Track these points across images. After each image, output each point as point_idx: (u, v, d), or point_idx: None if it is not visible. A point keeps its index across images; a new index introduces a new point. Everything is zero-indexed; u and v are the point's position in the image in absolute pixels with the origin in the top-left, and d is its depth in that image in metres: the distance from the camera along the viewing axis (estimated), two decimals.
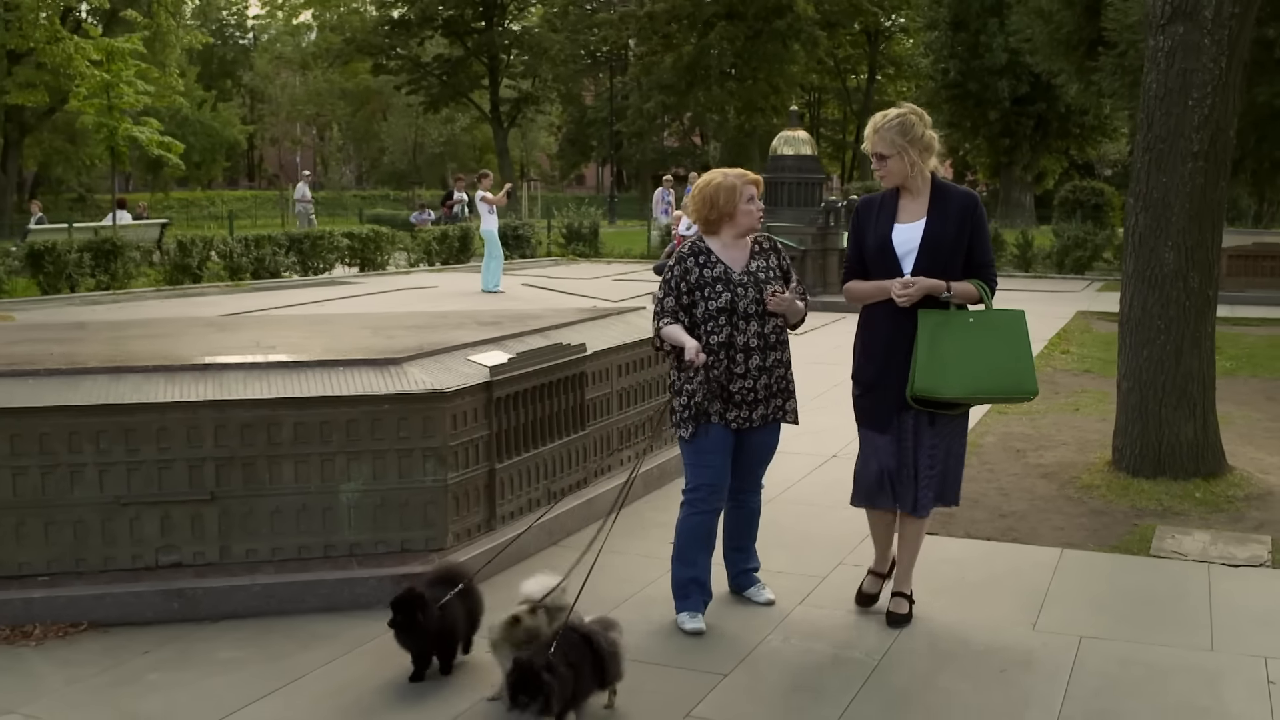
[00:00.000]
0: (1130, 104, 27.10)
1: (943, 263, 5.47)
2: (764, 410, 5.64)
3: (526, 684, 4.22)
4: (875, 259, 5.56)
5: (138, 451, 5.75)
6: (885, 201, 5.63)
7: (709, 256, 5.61)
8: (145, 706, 4.75)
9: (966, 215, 5.54)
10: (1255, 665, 5.22)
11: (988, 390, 5.51)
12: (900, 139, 5.46)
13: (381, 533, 6.07)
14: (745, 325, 5.53)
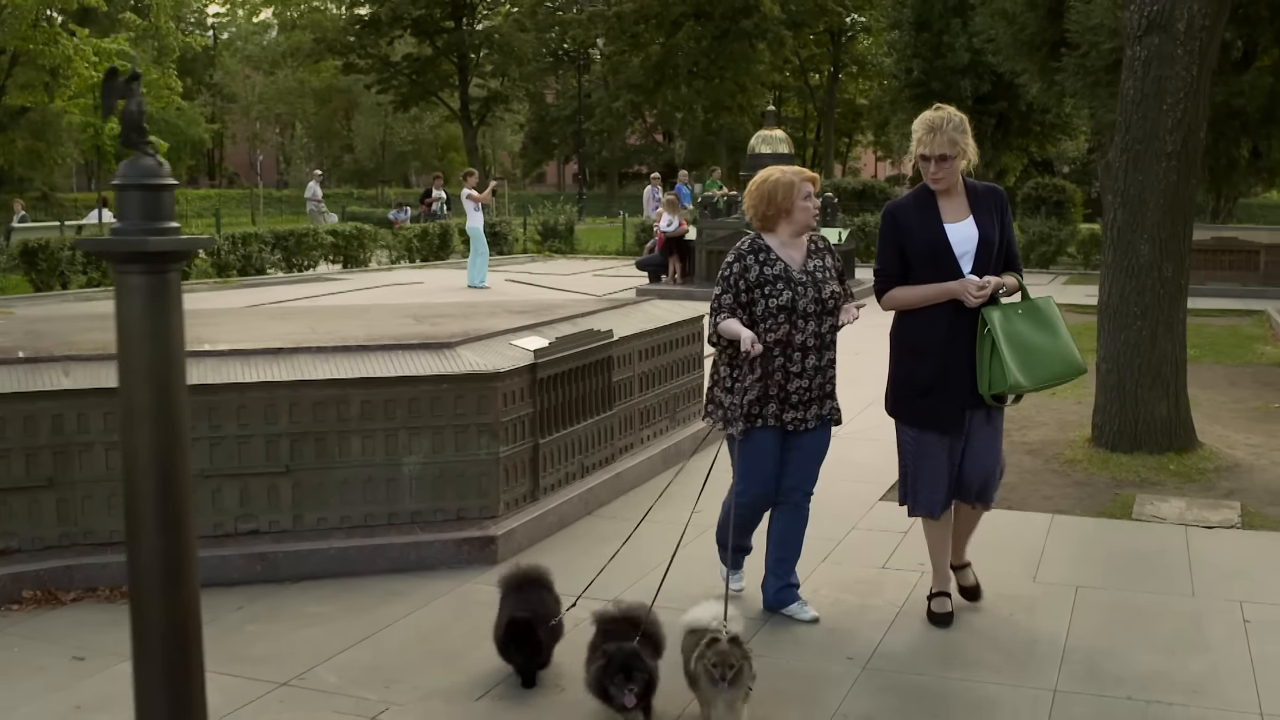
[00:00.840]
0: (1092, 103, 27.81)
1: (994, 259, 5.50)
2: (818, 410, 5.62)
3: (630, 670, 4.36)
4: (926, 261, 5.48)
5: (220, 428, 6.28)
6: (921, 204, 5.55)
7: (769, 254, 5.55)
8: (252, 652, 5.30)
9: (1001, 210, 5.59)
10: (1232, 608, 5.88)
11: (1052, 377, 5.53)
12: (962, 138, 5.41)
13: (440, 501, 6.64)
14: (804, 324, 5.49)
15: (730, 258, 5.62)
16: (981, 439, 5.56)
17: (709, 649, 4.38)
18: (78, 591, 5.96)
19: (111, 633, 5.49)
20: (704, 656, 4.38)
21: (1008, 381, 5.32)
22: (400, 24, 52.79)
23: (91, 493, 6.14)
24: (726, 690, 4.34)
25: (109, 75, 2.66)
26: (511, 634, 4.87)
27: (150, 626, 2.73)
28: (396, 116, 61.74)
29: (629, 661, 4.38)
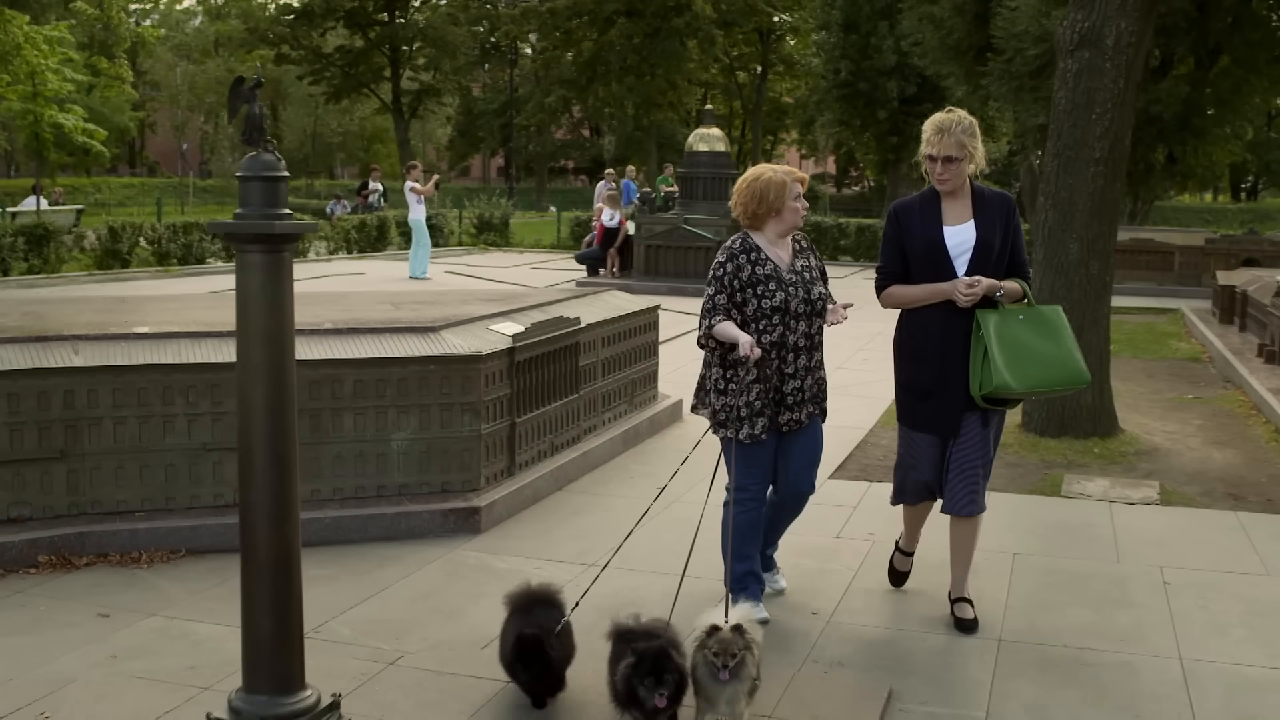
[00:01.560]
0: (1016, 107, 28.66)
1: (993, 264, 5.50)
2: (809, 410, 5.63)
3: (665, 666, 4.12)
4: (924, 262, 5.53)
5: (221, 404, 6.69)
6: (925, 205, 5.59)
7: (760, 254, 5.51)
8: None
9: (1008, 216, 5.59)
10: (1153, 572, 6.50)
11: (1049, 383, 5.53)
12: (970, 141, 5.44)
13: (426, 475, 7.10)
14: (795, 325, 5.49)
15: (722, 257, 5.56)
16: (971, 441, 5.56)
17: (709, 638, 4.21)
18: (90, 557, 6.34)
19: (129, 593, 5.92)
20: (704, 646, 4.21)
21: (994, 381, 5.33)
22: (333, 15, 52.78)
23: (100, 464, 6.53)
24: (729, 682, 4.17)
25: (236, 83, 3.09)
26: (520, 652, 4.54)
27: (259, 552, 3.17)
28: (327, 108, 61.66)
29: (660, 662, 4.12)
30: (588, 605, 5.59)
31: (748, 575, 5.68)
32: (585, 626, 4.84)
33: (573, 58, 57.34)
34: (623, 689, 4.19)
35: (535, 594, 4.83)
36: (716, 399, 5.56)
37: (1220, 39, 26.50)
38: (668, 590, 5.35)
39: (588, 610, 5.28)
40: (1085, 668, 5.25)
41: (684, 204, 22.21)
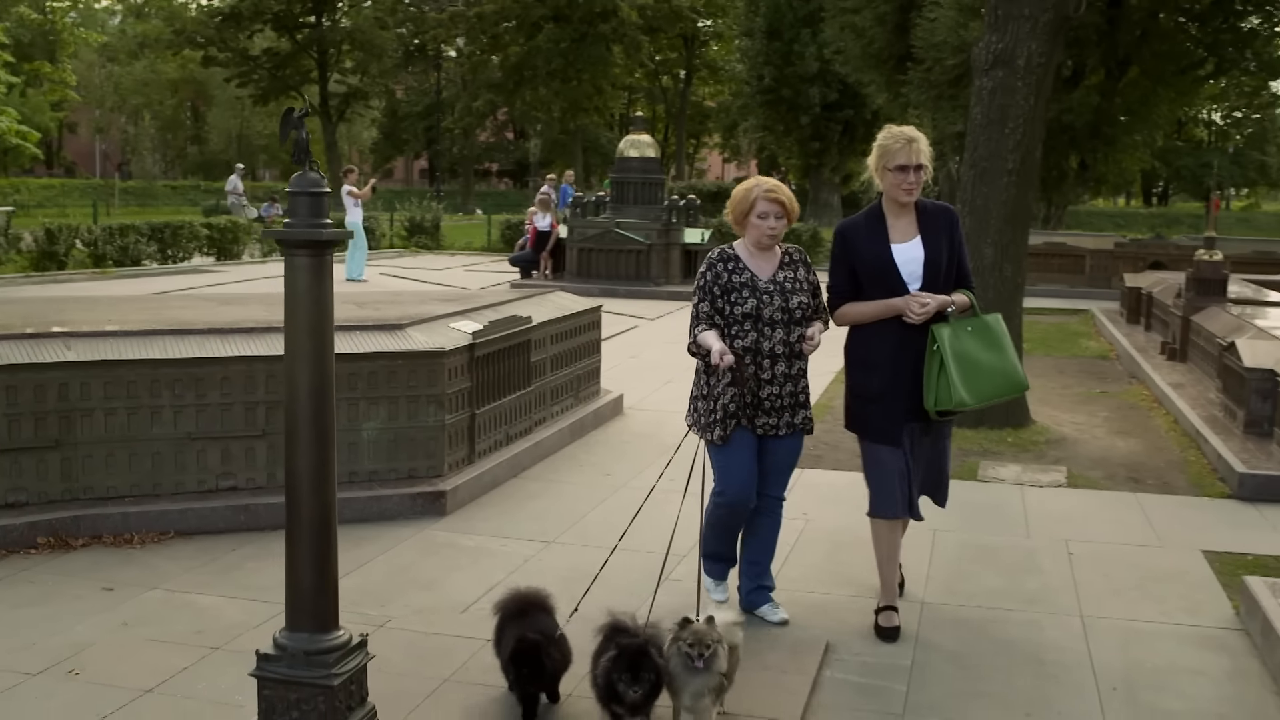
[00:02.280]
0: (935, 114, 29.53)
1: (942, 278, 5.60)
2: (789, 418, 5.74)
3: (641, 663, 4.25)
4: (875, 279, 5.60)
5: (205, 396, 7.19)
6: (871, 223, 5.68)
7: (737, 263, 5.68)
8: (257, 581, 6.25)
9: (954, 229, 5.71)
10: (1059, 544, 7.22)
11: (996, 394, 5.63)
12: (931, 151, 5.60)
13: (394, 462, 7.64)
14: (771, 332, 5.60)
15: (703, 267, 5.76)
16: (922, 453, 5.73)
17: (683, 630, 4.34)
18: (85, 538, 6.81)
19: (128, 569, 6.41)
20: (678, 638, 4.33)
21: (953, 399, 5.43)
22: (260, 18, 52.78)
23: (92, 453, 7.00)
24: (700, 673, 4.29)
25: (287, 113, 3.63)
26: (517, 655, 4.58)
27: (302, 514, 3.70)
28: (255, 110, 61.58)
29: (638, 659, 4.26)
30: (553, 577, 6.22)
31: (721, 565, 5.96)
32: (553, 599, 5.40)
33: (500, 62, 57.84)
34: (603, 683, 4.32)
35: (528, 598, 4.91)
36: (702, 404, 5.75)
37: (1129, 51, 27.60)
38: (623, 563, 5.95)
39: (552, 582, 5.89)
40: (997, 624, 5.94)
41: (615, 208, 22.81)
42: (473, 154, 67.79)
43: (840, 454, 9.27)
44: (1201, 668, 5.47)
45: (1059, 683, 5.26)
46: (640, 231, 21.98)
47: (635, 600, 5.30)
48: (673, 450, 5.66)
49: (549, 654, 4.59)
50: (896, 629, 5.76)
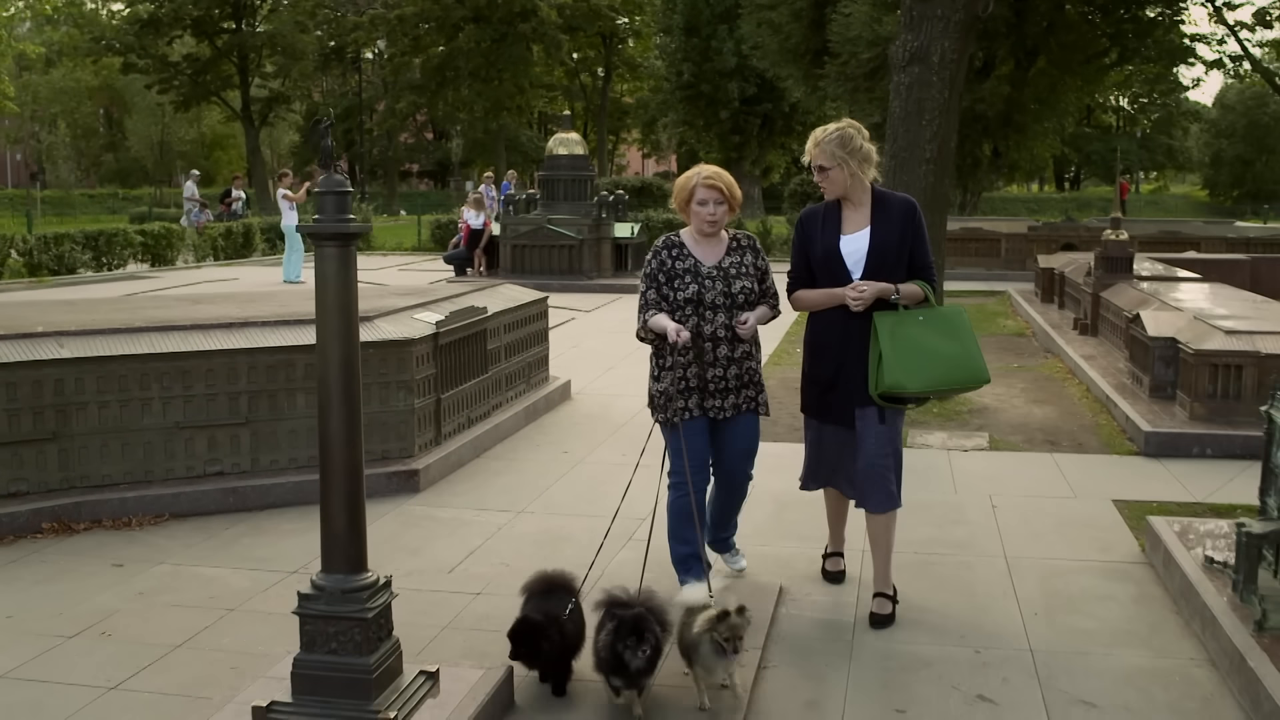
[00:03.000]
0: (852, 106, 30.32)
1: (889, 268, 5.68)
2: (735, 400, 5.84)
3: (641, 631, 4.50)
4: (823, 268, 5.77)
5: (191, 388, 7.70)
6: (828, 213, 5.83)
7: (682, 250, 5.80)
8: (255, 554, 6.78)
9: (908, 221, 5.77)
10: (984, 499, 7.93)
11: (947, 382, 5.72)
12: (840, 151, 5.65)
13: (369, 444, 8.08)
14: (713, 316, 5.71)
15: (649, 255, 5.89)
16: (871, 438, 5.78)
17: (720, 623, 4.59)
18: (87, 523, 7.29)
19: (132, 548, 6.91)
20: (715, 630, 4.58)
21: (888, 380, 5.54)
22: (180, 24, 52.61)
23: (87, 444, 7.49)
24: (731, 658, 4.64)
25: (315, 123, 4.18)
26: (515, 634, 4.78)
27: (335, 466, 4.26)
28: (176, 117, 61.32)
29: (639, 625, 4.51)
30: (528, 541, 6.82)
31: (689, 558, 5.85)
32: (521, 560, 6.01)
33: (421, 63, 58.14)
34: (605, 656, 4.55)
35: (553, 580, 5.05)
36: (653, 386, 5.87)
37: (1037, 42, 28.61)
38: (587, 526, 6.55)
39: (526, 545, 6.50)
40: (932, 566, 6.62)
41: (546, 205, 23.36)
42: (397, 155, 67.98)
43: (779, 428, 9.92)
44: (1111, 594, 6.19)
45: (988, 611, 5.94)
46: (572, 227, 22.56)
47: (605, 558, 5.91)
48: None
49: (548, 635, 4.73)
50: (842, 572, 6.37)
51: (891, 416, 5.82)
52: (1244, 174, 71.74)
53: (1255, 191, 69.11)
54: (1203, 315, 10.81)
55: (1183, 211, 65.83)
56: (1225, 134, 73.30)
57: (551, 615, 4.79)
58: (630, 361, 13.17)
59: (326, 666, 4.25)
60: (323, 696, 4.25)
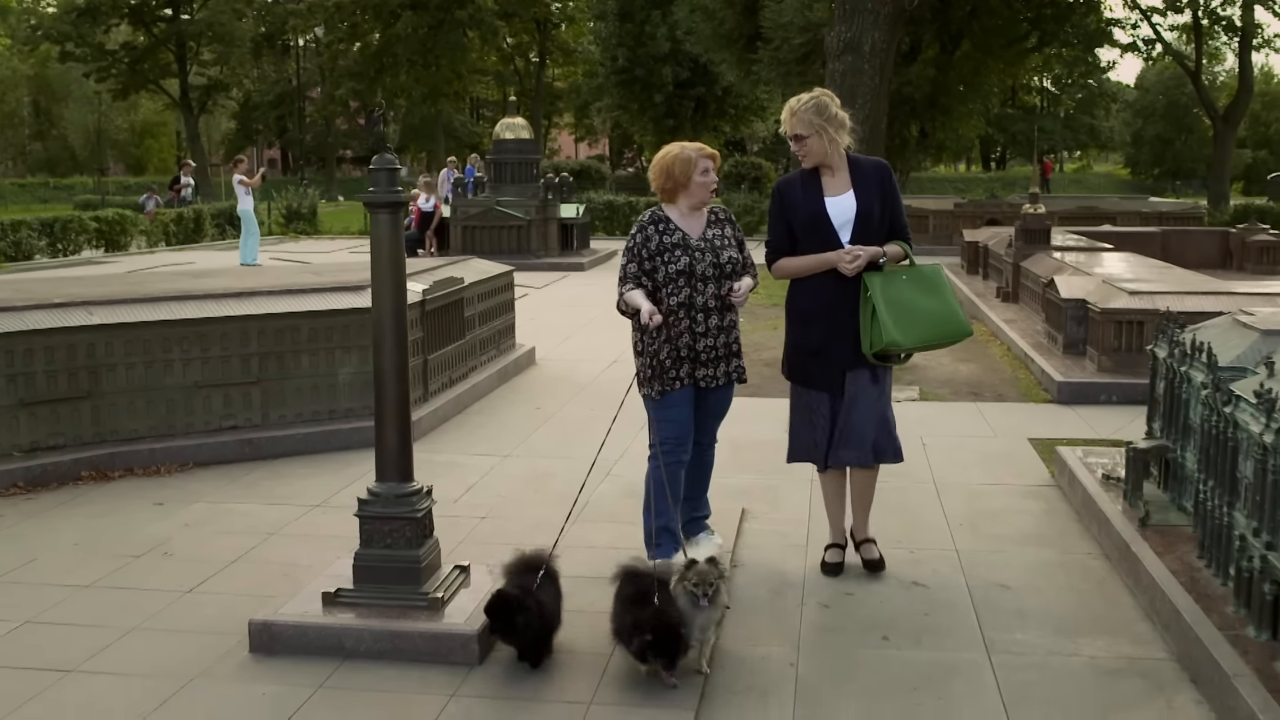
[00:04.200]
0: (785, 90, 31.34)
1: (874, 230, 5.80)
2: (725, 368, 5.96)
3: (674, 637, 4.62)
4: (809, 233, 5.80)
5: (208, 350, 8.56)
6: (806, 180, 5.88)
7: (668, 224, 5.86)
8: (277, 493, 7.67)
9: (884, 183, 5.91)
10: (915, 439, 8.95)
11: (935, 337, 5.85)
12: (817, 119, 5.73)
13: (366, 400, 8.99)
14: (704, 287, 5.80)
15: (634, 229, 5.95)
16: (864, 399, 5.92)
17: (688, 571, 4.75)
18: (120, 471, 8.14)
19: (167, 491, 7.78)
20: (684, 579, 4.74)
21: (885, 339, 5.65)
22: (117, 12, 52.76)
23: (117, 401, 8.33)
24: (706, 609, 4.73)
25: (370, 112, 5.08)
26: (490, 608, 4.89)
27: (388, 394, 5.18)
28: (113, 105, 61.34)
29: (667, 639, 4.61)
30: (519, 478, 7.78)
31: (662, 531, 5.92)
32: (514, 492, 6.94)
33: (359, 50, 58.66)
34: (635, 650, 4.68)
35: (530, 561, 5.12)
36: (636, 360, 5.97)
37: (961, 27, 29.86)
38: (567, 466, 7.49)
39: (517, 482, 7.44)
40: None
41: (494, 187, 24.23)
42: (337, 142, 68.39)
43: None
44: (1024, 509, 7.26)
45: (920, 524, 6.98)
46: (519, 208, 23.46)
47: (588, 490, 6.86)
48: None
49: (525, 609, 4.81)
50: (840, 564, 6.18)
51: (883, 375, 5.98)
52: (1164, 153, 73.68)
53: (1175, 170, 71.17)
54: (1110, 279, 11.95)
55: (1105, 189, 67.80)
56: (1145, 114, 75.24)
57: (526, 589, 4.88)
58: (587, 331, 14.15)
59: (383, 559, 5.20)
60: (380, 583, 5.20)
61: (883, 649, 5.22)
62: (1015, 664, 5.05)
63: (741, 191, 33.39)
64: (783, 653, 5.18)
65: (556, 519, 5.76)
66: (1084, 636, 5.33)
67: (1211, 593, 5.29)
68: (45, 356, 8.06)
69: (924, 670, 5.00)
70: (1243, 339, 6.20)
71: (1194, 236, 21.83)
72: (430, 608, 5.12)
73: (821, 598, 5.82)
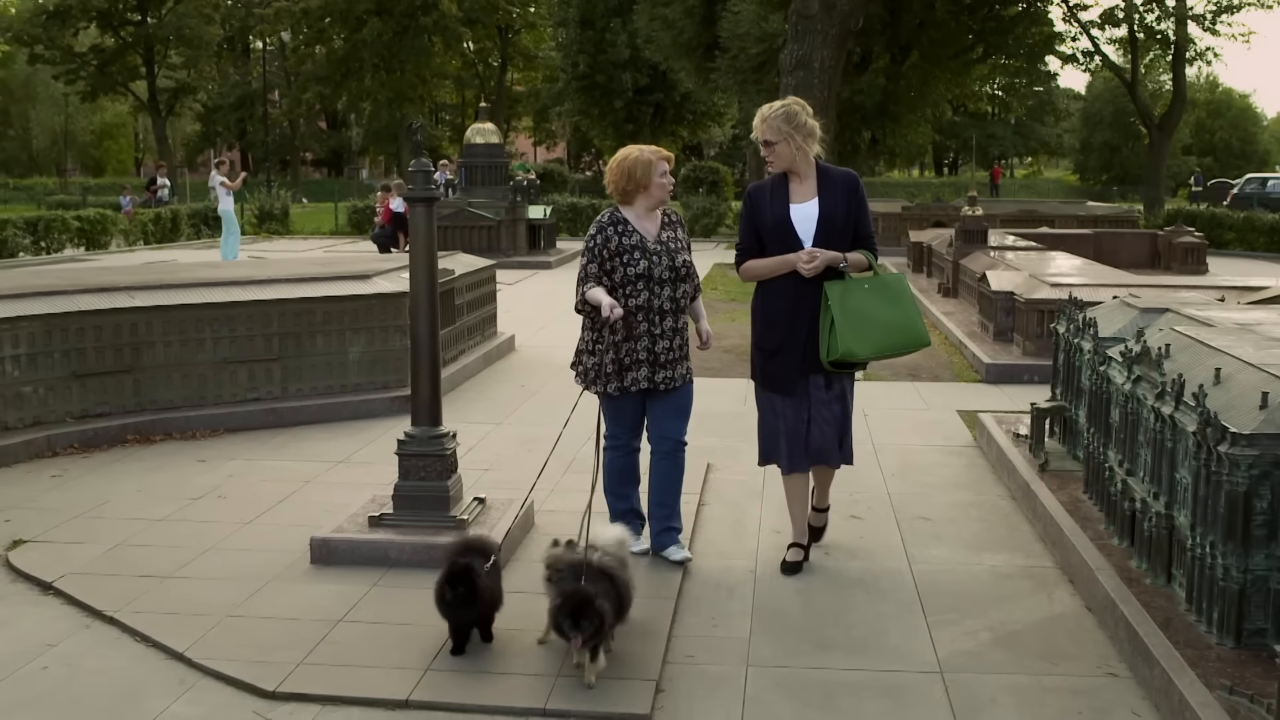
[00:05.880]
0: (741, 97, 32.64)
1: (836, 236, 5.90)
2: (681, 370, 6.19)
3: (586, 610, 4.67)
4: (774, 237, 5.94)
5: (235, 330, 9.69)
6: (775, 186, 6.03)
7: (627, 226, 6.04)
8: (306, 452, 8.81)
9: (850, 192, 6.01)
10: (858, 412, 10.14)
11: (892, 347, 5.95)
12: (786, 126, 5.87)
13: (373, 376, 10.24)
14: (660, 290, 6.00)
15: (593, 229, 6.12)
16: (823, 404, 6.05)
17: (548, 554, 5.22)
18: (160, 436, 9.25)
19: (206, 451, 8.90)
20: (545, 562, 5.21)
21: (840, 348, 5.77)
22: (86, 15, 53.53)
23: (155, 375, 9.44)
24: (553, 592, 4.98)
25: (408, 125, 6.20)
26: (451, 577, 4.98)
27: (422, 351, 6.33)
28: (80, 107, 61.99)
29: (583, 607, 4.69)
30: (512, 441, 8.92)
31: (627, 513, 6.30)
32: (509, 451, 8.10)
33: (326, 55, 59.62)
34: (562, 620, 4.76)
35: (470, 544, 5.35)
36: (589, 359, 6.15)
37: (910, 38, 31.29)
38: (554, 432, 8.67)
39: (510, 444, 8.59)
40: None
41: (465, 189, 25.38)
42: (302, 144, 69.28)
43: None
44: (947, 463, 8.53)
45: (858, 474, 8.10)
46: (490, 209, 24.62)
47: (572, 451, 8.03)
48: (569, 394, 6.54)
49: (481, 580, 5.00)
50: (799, 564, 6.27)
51: (840, 383, 6.11)
52: (1111, 159, 75.62)
53: (1123, 175, 73.03)
54: (1036, 274, 13.26)
55: (1054, 194, 69.47)
56: (1093, 121, 77.16)
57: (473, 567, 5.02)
58: (560, 322, 15.32)
59: (418, 489, 6.38)
60: (416, 509, 6.37)
61: (824, 560, 6.44)
62: (930, 571, 6.30)
63: (700, 195, 34.62)
64: (744, 564, 6.40)
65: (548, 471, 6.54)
66: (987, 552, 6.59)
67: (1091, 517, 6.56)
68: (94, 334, 9.17)
69: (857, 575, 6.24)
70: (1124, 315, 7.46)
71: (1125, 239, 23.31)
72: (458, 527, 6.29)
73: (774, 526, 7.02)
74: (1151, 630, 4.95)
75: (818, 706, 4.75)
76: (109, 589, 5.91)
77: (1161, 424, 5.51)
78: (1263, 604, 4.72)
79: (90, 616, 5.66)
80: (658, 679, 4.93)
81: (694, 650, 5.29)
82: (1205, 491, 4.92)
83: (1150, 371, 5.81)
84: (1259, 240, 29.01)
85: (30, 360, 8.87)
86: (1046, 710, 4.72)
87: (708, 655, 5.25)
